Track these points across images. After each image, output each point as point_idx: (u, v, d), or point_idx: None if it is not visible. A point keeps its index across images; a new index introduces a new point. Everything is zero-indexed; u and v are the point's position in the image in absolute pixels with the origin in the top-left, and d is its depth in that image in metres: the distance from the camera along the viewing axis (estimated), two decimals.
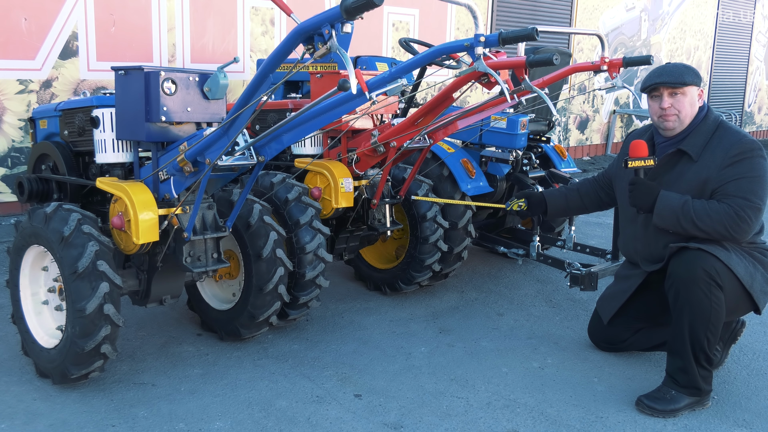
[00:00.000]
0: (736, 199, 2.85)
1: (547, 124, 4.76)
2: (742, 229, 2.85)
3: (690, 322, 2.82)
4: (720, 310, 2.82)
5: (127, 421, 2.66)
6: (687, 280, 2.83)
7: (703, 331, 2.81)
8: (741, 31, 13.34)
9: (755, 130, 14.56)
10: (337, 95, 2.41)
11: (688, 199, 2.91)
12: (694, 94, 3.01)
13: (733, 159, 2.89)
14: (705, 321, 2.81)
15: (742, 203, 2.84)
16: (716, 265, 2.81)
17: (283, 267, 3.18)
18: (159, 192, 2.88)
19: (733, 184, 2.87)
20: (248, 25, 6.49)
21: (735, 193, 2.86)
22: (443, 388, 3.02)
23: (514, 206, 3.48)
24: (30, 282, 3.02)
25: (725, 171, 2.89)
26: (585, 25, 9.78)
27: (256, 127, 4.06)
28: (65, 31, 5.42)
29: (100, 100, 3.03)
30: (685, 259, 2.87)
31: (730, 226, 2.84)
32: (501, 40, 2.46)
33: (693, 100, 3.01)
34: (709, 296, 2.80)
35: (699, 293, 2.80)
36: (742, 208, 2.83)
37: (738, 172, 2.88)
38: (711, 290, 2.80)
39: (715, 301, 2.80)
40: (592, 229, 6.08)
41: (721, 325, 2.87)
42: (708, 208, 2.87)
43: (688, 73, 2.99)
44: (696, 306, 2.81)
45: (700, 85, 3.04)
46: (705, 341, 2.82)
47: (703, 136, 2.99)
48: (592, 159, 10.29)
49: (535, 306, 4.11)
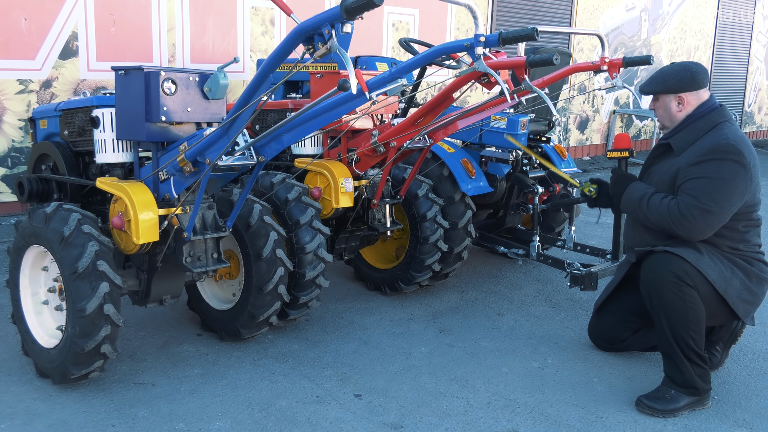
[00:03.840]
0: (687, 197, 2.87)
1: (547, 124, 4.75)
2: (684, 227, 2.87)
3: (669, 324, 2.84)
4: (696, 307, 2.82)
5: (127, 421, 2.66)
6: (657, 284, 2.87)
7: (684, 331, 2.82)
8: (741, 31, 13.34)
9: (755, 130, 14.57)
10: (337, 95, 2.41)
11: (647, 193, 3.00)
12: (666, 101, 3.07)
13: (702, 158, 2.89)
14: (683, 321, 2.82)
15: (690, 202, 2.86)
16: (684, 266, 2.83)
17: (283, 267, 3.18)
18: (159, 192, 2.88)
19: (690, 182, 2.89)
20: (248, 25, 6.49)
21: (689, 191, 2.88)
22: (443, 388, 3.02)
23: (585, 189, 3.48)
24: (30, 282, 3.02)
25: (690, 168, 2.91)
26: (585, 25, 9.78)
27: (256, 127, 4.06)
28: (65, 31, 5.42)
29: (100, 100, 3.03)
30: (653, 263, 2.92)
31: (673, 223, 2.89)
32: (501, 40, 2.46)
33: (666, 106, 3.07)
34: (682, 296, 2.81)
35: (671, 295, 2.82)
36: (688, 207, 2.85)
37: (700, 171, 2.88)
38: (682, 290, 2.81)
39: (689, 299, 2.81)
40: (592, 229, 6.08)
41: (702, 323, 2.85)
42: (659, 203, 2.94)
43: (654, 83, 3.07)
44: (670, 307, 2.83)
45: (682, 91, 3.02)
46: (690, 340, 2.82)
47: (694, 134, 3.00)
48: (592, 159, 10.29)
49: (535, 306, 4.11)
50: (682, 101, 3.04)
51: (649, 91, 3.10)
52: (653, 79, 3.11)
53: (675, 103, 3.05)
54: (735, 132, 2.94)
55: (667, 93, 3.05)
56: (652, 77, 3.12)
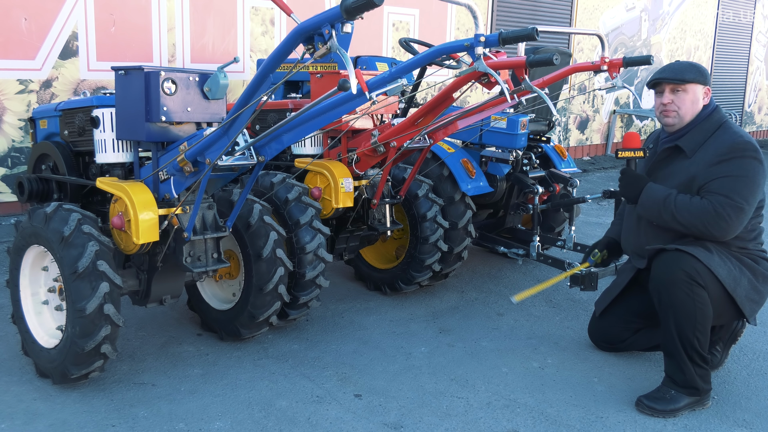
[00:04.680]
0: (718, 197, 2.84)
1: (547, 124, 4.75)
2: (720, 226, 2.84)
3: (676, 323, 2.83)
4: (705, 308, 2.81)
5: (127, 421, 2.66)
6: (667, 282, 2.83)
7: (691, 331, 2.81)
8: (741, 31, 13.34)
9: (755, 130, 14.56)
10: (337, 95, 2.41)
11: (671, 193, 2.93)
12: (697, 92, 3.01)
13: (723, 157, 2.89)
14: (691, 321, 2.80)
15: (723, 201, 2.83)
16: (696, 265, 2.81)
17: (283, 267, 3.18)
18: (159, 192, 2.88)
19: (717, 181, 2.87)
20: (248, 25, 6.49)
21: (718, 190, 2.86)
22: (443, 388, 3.02)
23: (598, 260, 3.40)
24: (30, 282, 3.02)
25: (713, 168, 2.89)
26: (585, 25, 9.78)
27: (256, 127, 4.06)
28: (65, 31, 5.42)
29: (100, 100, 3.03)
30: (664, 261, 2.88)
31: (708, 223, 2.84)
32: (501, 40, 2.46)
33: (695, 98, 3.01)
34: (692, 296, 2.79)
35: (681, 294, 2.80)
36: (722, 206, 2.83)
37: (725, 170, 2.87)
38: (692, 289, 2.79)
39: (699, 300, 2.80)
40: (592, 229, 6.08)
41: (709, 324, 2.85)
42: (689, 203, 2.88)
43: (690, 71, 2.99)
44: (679, 307, 2.81)
45: (707, 84, 3.03)
46: (695, 340, 2.81)
47: (702, 135, 2.99)
48: (592, 159, 10.29)
49: (535, 306, 4.11)
50: (707, 94, 3.04)
51: (683, 78, 2.97)
52: (679, 68, 3.00)
53: (702, 95, 3.02)
54: (741, 130, 2.99)
55: (703, 83, 3.01)
56: (676, 68, 3.01)
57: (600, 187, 7.91)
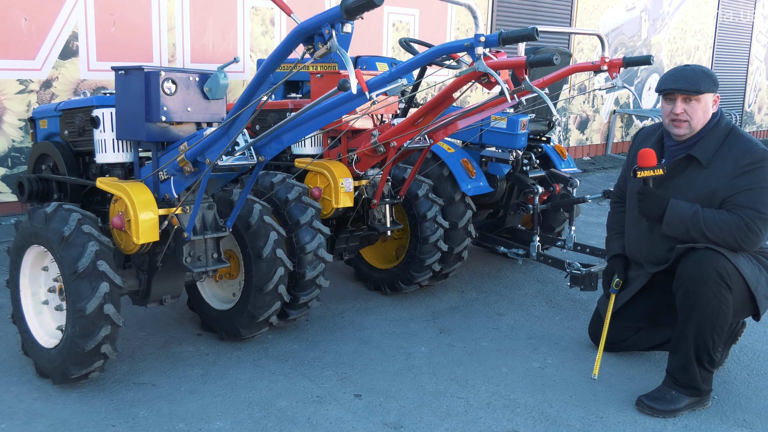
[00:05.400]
0: (747, 210, 2.84)
1: (547, 124, 4.76)
2: (752, 240, 2.85)
3: (698, 322, 2.82)
4: (727, 311, 2.81)
5: (127, 421, 2.66)
6: (698, 280, 2.81)
7: (709, 333, 2.81)
8: (741, 31, 13.34)
9: (755, 130, 14.56)
10: (337, 95, 2.41)
11: (698, 209, 2.90)
12: (708, 101, 2.98)
13: (744, 169, 2.88)
14: (712, 322, 2.80)
15: (753, 215, 2.83)
16: (727, 266, 2.80)
17: (283, 267, 3.18)
18: (159, 192, 2.88)
19: (743, 194, 2.86)
20: (248, 25, 6.49)
21: (746, 203, 2.85)
22: (443, 388, 3.02)
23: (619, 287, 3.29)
24: (30, 282, 3.02)
25: (736, 180, 2.88)
26: (585, 25, 9.78)
27: (256, 127, 4.06)
28: (65, 31, 5.42)
29: (100, 100, 3.03)
30: (696, 259, 2.85)
31: (740, 238, 2.84)
32: (501, 40, 2.46)
33: (707, 107, 2.98)
34: (719, 297, 2.79)
35: (709, 294, 2.79)
36: (753, 220, 2.83)
37: (749, 182, 2.86)
38: (721, 291, 2.79)
39: (724, 302, 2.79)
40: (592, 229, 6.08)
41: (727, 327, 2.86)
42: (718, 218, 2.86)
43: (704, 81, 2.95)
44: (705, 307, 2.80)
45: (716, 91, 3.00)
46: (710, 342, 2.82)
47: (714, 142, 2.98)
48: (592, 159, 10.29)
49: (535, 306, 4.11)
50: (716, 101, 3.02)
51: (699, 90, 2.92)
52: (694, 77, 2.93)
53: (711, 103, 3.00)
54: (750, 135, 2.99)
55: (714, 92, 2.98)
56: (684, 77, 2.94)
57: (600, 187, 7.91)
